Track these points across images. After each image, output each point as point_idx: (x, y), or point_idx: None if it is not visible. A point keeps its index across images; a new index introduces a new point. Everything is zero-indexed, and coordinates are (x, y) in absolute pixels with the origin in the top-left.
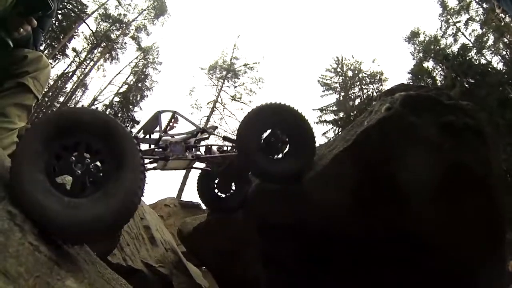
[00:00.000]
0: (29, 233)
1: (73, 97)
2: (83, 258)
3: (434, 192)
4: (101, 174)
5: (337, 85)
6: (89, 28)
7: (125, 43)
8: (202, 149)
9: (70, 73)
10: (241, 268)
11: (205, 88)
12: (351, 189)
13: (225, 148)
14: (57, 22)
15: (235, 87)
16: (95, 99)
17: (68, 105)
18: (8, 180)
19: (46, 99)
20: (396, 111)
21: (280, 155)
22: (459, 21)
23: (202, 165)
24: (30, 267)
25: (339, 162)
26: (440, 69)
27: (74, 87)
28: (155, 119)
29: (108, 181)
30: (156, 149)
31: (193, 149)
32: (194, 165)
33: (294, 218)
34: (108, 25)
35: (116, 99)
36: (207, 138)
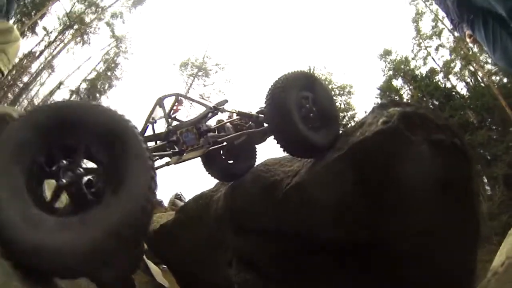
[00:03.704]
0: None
1: (38, 78)
2: None
3: (422, 203)
4: (93, 193)
5: None
6: (63, 7)
7: (99, 28)
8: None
9: (38, 53)
10: (211, 271)
11: (175, 84)
12: (339, 195)
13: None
14: None
15: (205, 86)
16: (61, 83)
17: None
18: None
19: (9, 77)
20: (393, 125)
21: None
22: (430, 46)
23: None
24: None
25: (331, 168)
26: (408, 88)
27: (40, 67)
28: (158, 106)
29: (96, 204)
30: (167, 144)
31: (207, 133)
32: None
33: (273, 221)
34: (84, 7)
35: (83, 85)
36: (216, 114)
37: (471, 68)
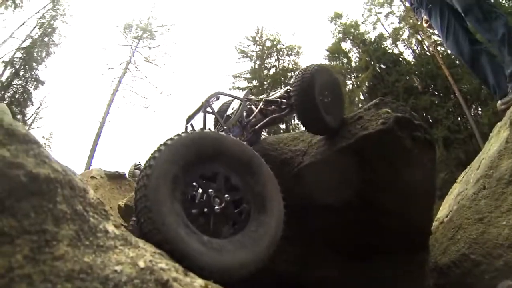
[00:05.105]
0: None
1: None
2: None
3: (404, 177)
4: (240, 215)
5: (254, 53)
6: None
7: None
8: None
9: None
10: None
11: (119, 48)
12: (344, 173)
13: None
14: None
15: (150, 48)
16: None
17: None
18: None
19: None
20: (389, 126)
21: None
22: (380, 12)
23: None
24: None
25: (341, 153)
26: (356, 51)
27: None
28: (204, 108)
29: (248, 224)
30: None
31: (247, 124)
32: None
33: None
34: None
35: (18, 54)
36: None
37: (418, 37)
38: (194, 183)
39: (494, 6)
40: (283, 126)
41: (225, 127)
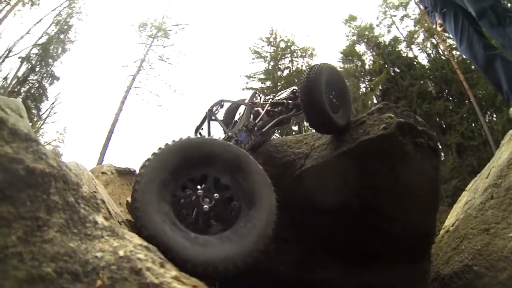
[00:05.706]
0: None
1: None
2: None
3: (404, 181)
4: (230, 212)
5: (268, 54)
6: None
7: None
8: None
9: None
10: None
11: (133, 46)
12: (344, 177)
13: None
14: None
15: (164, 47)
16: (9, 50)
17: None
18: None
19: None
20: (391, 131)
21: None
22: (395, 15)
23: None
24: None
25: (342, 157)
26: (370, 54)
27: None
28: (208, 117)
29: (237, 220)
30: None
31: (254, 128)
32: None
33: (283, 195)
34: None
35: (34, 51)
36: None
37: (433, 40)
38: (185, 185)
39: (509, 10)
40: (295, 128)
41: (230, 134)
